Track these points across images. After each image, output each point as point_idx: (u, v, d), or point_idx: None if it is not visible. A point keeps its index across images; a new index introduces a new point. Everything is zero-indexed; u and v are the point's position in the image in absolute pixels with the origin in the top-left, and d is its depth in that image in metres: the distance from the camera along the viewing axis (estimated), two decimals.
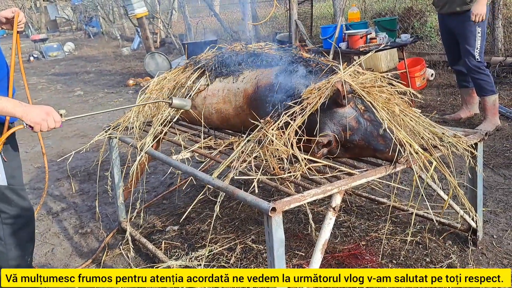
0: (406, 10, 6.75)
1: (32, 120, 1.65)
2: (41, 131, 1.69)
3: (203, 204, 2.99)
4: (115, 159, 2.64)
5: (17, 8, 1.96)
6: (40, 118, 1.67)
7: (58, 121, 1.72)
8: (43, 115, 1.68)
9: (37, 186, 3.73)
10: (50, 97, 7.71)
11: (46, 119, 1.68)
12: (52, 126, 1.70)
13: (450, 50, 3.95)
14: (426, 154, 1.74)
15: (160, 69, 7.86)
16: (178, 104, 2.05)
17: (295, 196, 1.52)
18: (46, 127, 1.68)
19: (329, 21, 7.84)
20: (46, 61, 12.60)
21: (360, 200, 2.85)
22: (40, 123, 1.67)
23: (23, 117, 1.66)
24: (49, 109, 1.71)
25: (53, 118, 1.70)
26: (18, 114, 1.65)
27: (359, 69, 1.91)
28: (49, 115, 1.69)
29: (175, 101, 2.03)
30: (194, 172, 1.88)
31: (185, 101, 2.10)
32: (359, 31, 4.41)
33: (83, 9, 16.38)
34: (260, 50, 2.44)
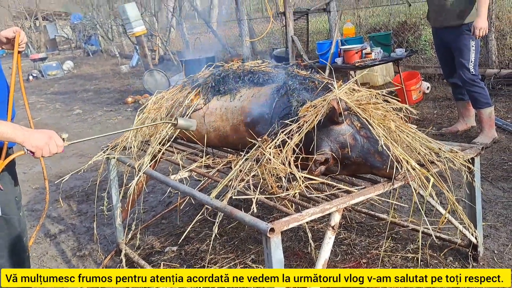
0: (400, 24, 6.83)
1: (33, 145, 1.58)
2: (42, 156, 1.61)
3: (202, 223, 2.97)
4: (113, 179, 2.64)
5: (18, 28, 1.91)
6: (42, 143, 1.59)
7: (60, 146, 1.65)
8: (46, 139, 1.60)
9: (35, 208, 3.71)
10: (49, 116, 7.73)
11: (48, 143, 1.61)
12: (54, 151, 1.62)
13: (445, 64, 3.98)
14: (423, 170, 1.74)
15: (158, 86, 7.90)
16: (183, 124, 2.01)
17: (294, 216, 1.52)
18: (48, 153, 1.61)
19: (325, 36, 7.92)
20: (45, 80, 12.67)
21: (360, 216, 2.84)
22: (42, 148, 1.59)
23: (24, 142, 1.57)
24: (51, 133, 1.64)
25: (55, 143, 1.62)
26: (18, 139, 1.57)
27: (354, 86, 1.93)
28: (51, 140, 1.62)
29: (180, 122, 1.99)
30: (192, 192, 1.88)
31: (190, 121, 2.05)
32: (354, 47, 4.46)
33: (82, 28, 16.54)
34: (257, 68, 2.47)
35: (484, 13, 3.44)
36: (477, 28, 3.44)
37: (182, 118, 2.05)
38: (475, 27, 3.44)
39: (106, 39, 15.16)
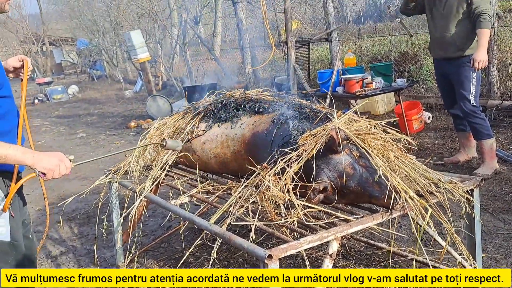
0: (401, 54, 6.95)
1: (45, 167, 1.62)
2: (53, 178, 1.65)
3: (201, 248, 2.97)
4: (114, 203, 2.66)
5: (25, 56, 1.97)
6: (53, 165, 1.64)
7: (69, 167, 1.70)
8: (56, 161, 1.65)
9: (37, 229, 3.71)
10: (53, 139, 7.80)
11: (59, 165, 1.65)
12: (64, 172, 1.67)
13: (446, 94, 4.02)
14: (422, 201, 1.76)
15: (161, 111, 8.01)
16: (171, 145, 2.18)
17: (291, 243, 1.53)
18: (59, 174, 1.65)
19: (326, 64, 8.06)
20: (51, 104, 12.83)
21: (359, 245, 2.83)
22: (54, 170, 1.63)
23: (34, 164, 1.62)
24: (61, 155, 1.69)
25: (64, 164, 1.67)
26: (28, 162, 1.61)
27: (354, 116, 1.97)
28: (61, 161, 1.67)
29: (168, 143, 2.16)
30: (192, 217, 1.90)
31: (177, 142, 2.22)
32: (355, 76, 4.55)
33: (87, 53, 16.86)
34: (258, 97, 2.52)
35: (484, 46, 3.48)
36: (476, 61, 3.46)
37: (170, 140, 2.22)
38: (474, 60, 3.47)
39: (111, 64, 15.44)
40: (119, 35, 13.26)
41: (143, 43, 8.76)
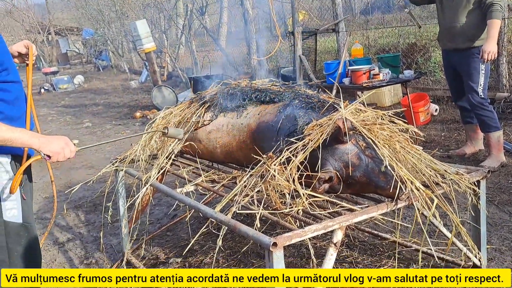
0: (409, 45, 6.89)
1: (51, 150, 1.67)
2: (58, 161, 1.70)
3: (206, 236, 2.99)
4: (121, 191, 2.67)
5: (29, 42, 1.98)
6: (58, 148, 1.69)
7: (73, 151, 1.75)
8: (62, 144, 1.70)
9: (44, 216, 3.76)
10: (59, 129, 7.84)
11: (64, 148, 1.71)
12: (68, 155, 1.72)
13: (454, 86, 3.98)
14: (428, 192, 1.76)
15: (166, 101, 8.01)
16: (172, 133, 2.21)
17: (296, 231, 1.54)
18: (64, 157, 1.70)
19: (333, 55, 8.01)
20: (57, 93, 12.87)
21: (363, 235, 2.84)
22: (59, 153, 1.69)
23: (40, 148, 1.66)
24: (66, 139, 1.74)
25: (69, 148, 1.73)
26: (35, 145, 1.66)
27: (360, 107, 1.96)
28: (67, 145, 1.72)
29: (170, 131, 2.19)
30: (197, 205, 1.91)
31: (178, 130, 2.25)
32: (362, 67, 4.52)
33: (93, 43, 16.87)
34: (264, 86, 2.52)
35: (494, 37, 3.43)
36: (485, 52, 3.42)
37: (172, 128, 2.25)
38: (483, 51, 3.43)
39: (116, 54, 15.44)
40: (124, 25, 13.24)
41: (148, 33, 8.73)
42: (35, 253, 1.87)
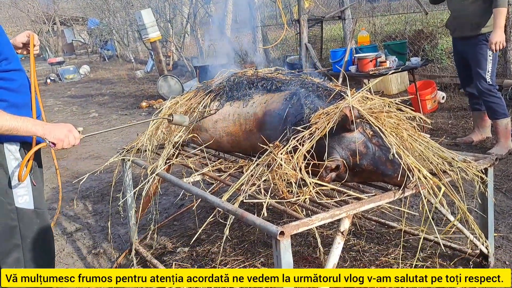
0: (416, 32, 6.81)
1: (55, 137, 1.70)
2: (62, 148, 1.73)
3: (213, 225, 3.01)
4: (128, 181, 2.69)
5: (31, 31, 2.00)
6: (62, 135, 1.72)
7: (78, 138, 1.78)
8: (66, 131, 1.74)
9: (52, 206, 3.80)
10: (66, 119, 7.88)
11: (68, 135, 1.74)
12: (73, 143, 1.75)
13: (463, 73, 3.96)
14: (435, 180, 1.75)
15: (172, 91, 8.01)
16: (177, 120, 2.23)
17: (303, 220, 1.54)
18: (68, 144, 1.73)
19: (339, 43, 7.94)
20: (63, 84, 12.91)
21: (370, 223, 2.84)
22: (63, 140, 1.72)
23: (45, 135, 1.70)
24: (70, 126, 1.77)
25: (73, 135, 1.76)
26: (39, 133, 1.69)
27: (367, 95, 1.95)
28: (70, 132, 1.75)
29: (175, 118, 2.21)
30: (204, 195, 1.92)
31: (183, 117, 2.26)
32: (368, 55, 4.47)
33: (98, 33, 16.84)
34: (270, 75, 2.50)
35: (500, 26, 3.41)
36: (493, 43, 3.42)
37: (176, 115, 2.25)
38: (491, 42, 3.43)
39: (122, 44, 15.42)
40: (129, 14, 13.19)
41: (153, 22, 8.69)
42: (48, 239, 1.91)
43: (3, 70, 1.71)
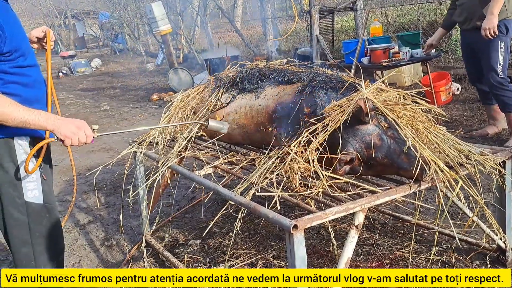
0: (430, 23, 6.69)
1: (62, 134, 1.66)
2: (71, 145, 1.69)
3: (224, 218, 3.00)
4: (140, 173, 2.69)
5: (47, 27, 1.99)
6: (70, 132, 1.67)
7: (90, 136, 1.72)
8: (74, 129, 1.68)
9: (65, 199, 3.84)
10: (78, 112, 7.94)
11: (77, 133, 1.68)
12: (83, 141, 1.70)
13: (472, 67, 3.85)
14: (452, 173, 1.71)
15: (183, 84, 8.01)
16: (214, 126, 2.08)
17: (317, 214, 1.52)
18: (77, 142, 1.68)
19: (351, 35, 7.84)
20: (75, 77, 13.00)
21: (384, 217, 2.81)
22: (71, 137, 1.67)
23: (54, 130, 1.66)
24: (82, 124, 1.71)
25: (84, 133, 1.70)
26: (49, 127, 1.66)
27: (382, 86, 1.91)
28: (80, 130, 1.69)
29: (211, 123, 2.05)
30: (216, 187, 1.90)
31: (222, 123, 2.11)
32: (381, 46, 4.41)
33: (109, 26, 16.89)
34: (282, 67, 2.47)
35: (493, 13, 3.33)
36: (484, 29, 3.37)
37: (213, 120, 2.11)
38: (483, 28, 3.38)
39: (132, 37, 15.45)
40: (140, 7, 13.19)
41: (164, 15, 8.69)
42: (57, 234, 1.90)
43: (19, 66, 1.70)
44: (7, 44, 1.61)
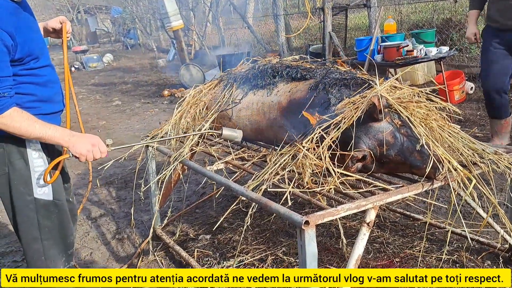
0: (444, 21, 6.61)
1: (77, 152, 1.71)
2: (86, 161, 1.74)
3: (234, 214, 3.01)
4: (151, 168, 2.71)
5: (64, 18, 1.99)
6: (85, 150, 1.72)
7: (104, 152, 1.77)
8: (89, 146, 1.73)
9: (77, 192, 3.88)
10: (90, 107, 8.01)
11: (92, 150, 1.73)
12: (98, 156, 1.74)
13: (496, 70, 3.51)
14: (465, 171, 1.70)
15: (194, 80, 8.02)
16: (228, 135, 2.08)
17: (329, 210, 1.52)
18: (92, 158, 1.73)
19: (364, 32, 7.79)
20: (87, 72, 13.11)
21: (394, 215, 2.79)
22: (86, 155, 1.72)
23: (69, 148, 1.71)
24: (96, 140, 1.76)
25: (98, 149, 1.75)
26: (64, 144, 1.71)
27: (395, 84, 1.90)
28: (94, 146, 1.74)
29: (225, 133, 2.06)
30: (228, 183, 1.91)
31: (235, 131, 2.11)
32: (395, 43, 4.37)
33: (121, 21, 16.97)
34: (295, 63, 2.46)
35: None
36: None
37: (226, 128, 2.10)
38: None
39: (144, 33, 15.51)
40: (152, 2, 13.23)
41: (176, 11, 8.70)
42: (66, 229, 1.91)
43: (30, 68, 1.72)
44: (18, 51, 1.63)
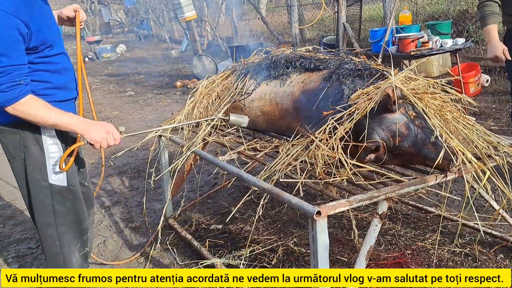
0: (461, 13, 6.49)
1: (92, 139, 1.75)
2: (101, 147, 1.78)
3: (246, 204, 3.03)
4: (164, 157, 2.73)
5: (78, 6, 2.01)
6: (100, 137, 1.76)
7: (118, 139, 1.81)
8: (103, 133, 1.77)
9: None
10: (103, 97, 8.08)
11: (106, 137, 1.77)
12: (112, 143, 1.79)
13: None
14: (480, 164, 1.68)
15: (207, 71, 8.03)
16: (235, 120, 2.11)
17: (341, 201, 1.52)
18: (106, 145, 1.77)
19: (378, 24, 7.69)
20: (100, 62, 13.21)
21: (407, 208, 2.78)
22: (100, 142, 1.76)
23: (84, 135, 1.75)
24: (110, 128, 1.80)
25: (112, 136, 1.79)
26: (79, 131, 1.75)
27: (410, 75, 1.88)
28: (109, 134, 1.78)
29: (232, 118, 2.09)
30: (240, 173, 1.92)
31: (242, 117, 2.14)
32: (410, 35, 4.31)
33: (135, 12, 17.00)
34: (308, 54, 2.45)
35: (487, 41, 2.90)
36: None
37: (233, 114, 2.14)
38: None
39: (157, 23, 15.53)
40: None
41: (189, 1, 8.68)
42: (80, 214, 1.94)
43: (45, 56, 1.74)
44: (33, 40, 1.65)
